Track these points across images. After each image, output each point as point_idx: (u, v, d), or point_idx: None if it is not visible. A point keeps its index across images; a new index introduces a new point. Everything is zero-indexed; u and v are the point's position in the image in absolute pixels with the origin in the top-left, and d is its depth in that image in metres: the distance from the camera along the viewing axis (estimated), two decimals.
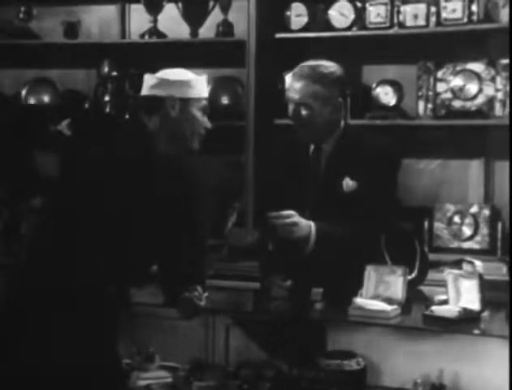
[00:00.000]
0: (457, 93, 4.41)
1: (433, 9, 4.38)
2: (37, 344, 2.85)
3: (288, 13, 4.62)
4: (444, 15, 4.35)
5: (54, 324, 2.85)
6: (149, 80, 3.05)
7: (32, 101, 5.11)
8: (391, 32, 4.46)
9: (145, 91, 3.05)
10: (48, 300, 2.87)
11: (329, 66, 3.42)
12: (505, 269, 4.07)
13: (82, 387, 2.87)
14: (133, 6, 5.14)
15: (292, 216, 3.28)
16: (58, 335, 2.84)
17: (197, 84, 3.03)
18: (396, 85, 4.54)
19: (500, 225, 4.38)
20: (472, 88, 4.39)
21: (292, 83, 3.42)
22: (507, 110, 4.29)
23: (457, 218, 4.47)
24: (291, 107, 3.42)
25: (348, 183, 3.39)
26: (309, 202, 3.43)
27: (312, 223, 3.31)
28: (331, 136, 3.46)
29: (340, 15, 4.54)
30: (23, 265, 3.02)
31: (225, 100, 4.80)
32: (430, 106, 4.46)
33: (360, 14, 4.51)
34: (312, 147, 3.48)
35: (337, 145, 3.46)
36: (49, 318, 2.86)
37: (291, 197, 3.44)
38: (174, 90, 2.99)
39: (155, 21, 4.86)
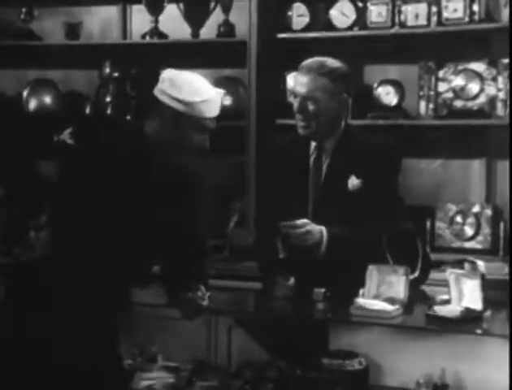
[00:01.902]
0: (458, 92, 4.41)
1: (434, 9, 4.37)
2: (38, 344, 2.85)
3: (289, 13, 4.62)
4: (445, 14, 4.35)
5: (54, 324, 2.85)
6: (163, 79, 2.96)
7: (33, 102, 5.11)
8: (392, 31, 4.47)
9: (156, 89, 2.96)
10: (48, 300, 2.87)
11: (335, 62, 3.43)
12: (507, 269, 4.06)
13: (83, 387, 2.87)
14: (134, 7, 5.14)
15: (306, 225, 3.28)
16: (59, 336, 2.84)
17: (204, 104, 2.91)
18: (397, 85, 4.54)
19: (502, 225, 4.37)
20: (474, 87, 4.38)
21: (299, 77, 3.40)
22: (509, 109, 4.28)
23: (459, 218, 4.47)
24: (297, 101, 3.40)
25: (353, 181, 3.38)
26: (311, 201, 3.43)
27: (324, 229, 3.31)
28: (333, 135, 3.45)
29: (342, 14, 4.54)
30: (23, 265, 3.02)
31: (226, 100, 4.79)
32: (431, 105, 4.45)
33: (361, 14, 4.51)
34: (313, 145, 3.48)
35: (339, 143, 3.45)
36: (50, 319, 2.86)
37: (293, 196, 3.44)
38: (175, 102, 2.91)
39: (156, 22, 4.86)
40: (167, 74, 2.96)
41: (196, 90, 2.92)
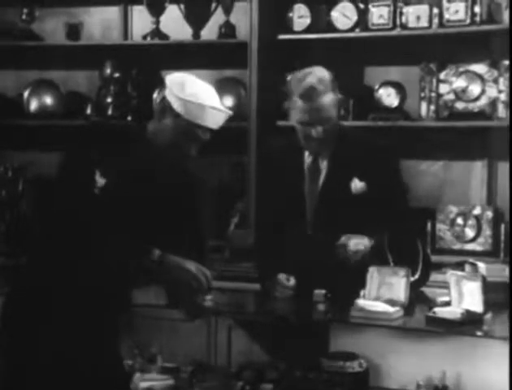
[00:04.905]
0: (459, 94, 4.40)
1: (436, 10, 4.37)
2: (38, 344, 2.85)
3: (290, 14, 4.61)
4: (446, 16, 4.34)
5: (54, 324, 2.85)
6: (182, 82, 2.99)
7: (34, 102, 5.11)
8: (393, 33, 4.46)
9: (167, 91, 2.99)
10: (49, 300, 2.87)
11: (324, 71, 3.38)
12: (507, 271, 4.05)
13: (83, 387, 2.87)
14: (135, 8, 5.14)
15: (358, 244, 3.29)
16: (59, 336, 2.84)
17: (214, 112, 2.96)
18: (398, 87, 4.53)
19: (503, 227, 4.37)
20: (475, 89, 4.38)
21: (305, 105, 3.30)
22: (510, 111, 4.28)
23: (459, 220, 4.46)
24: (319, 129, 3.31)
25: (357, 185, 3.36)
26: (309, 206, 3.42)
27: (366, 238, 3.31)
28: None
29: (343, 16, 4.53)
30: (24, 265, 3.02)
31: (227, 101, 4.79)
32: (432, 107, 4.45)
33: (363, 15, 4.51)
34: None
35: (335, 146, 3.43)
36: (50, 319, 2.86)
37: (290, 200, 3.42)
38: (187, 111, 2.93)
39: (157, 22, 4.86)
40: (180, 78, 2.99)
41: (212, 96, 2.99)
